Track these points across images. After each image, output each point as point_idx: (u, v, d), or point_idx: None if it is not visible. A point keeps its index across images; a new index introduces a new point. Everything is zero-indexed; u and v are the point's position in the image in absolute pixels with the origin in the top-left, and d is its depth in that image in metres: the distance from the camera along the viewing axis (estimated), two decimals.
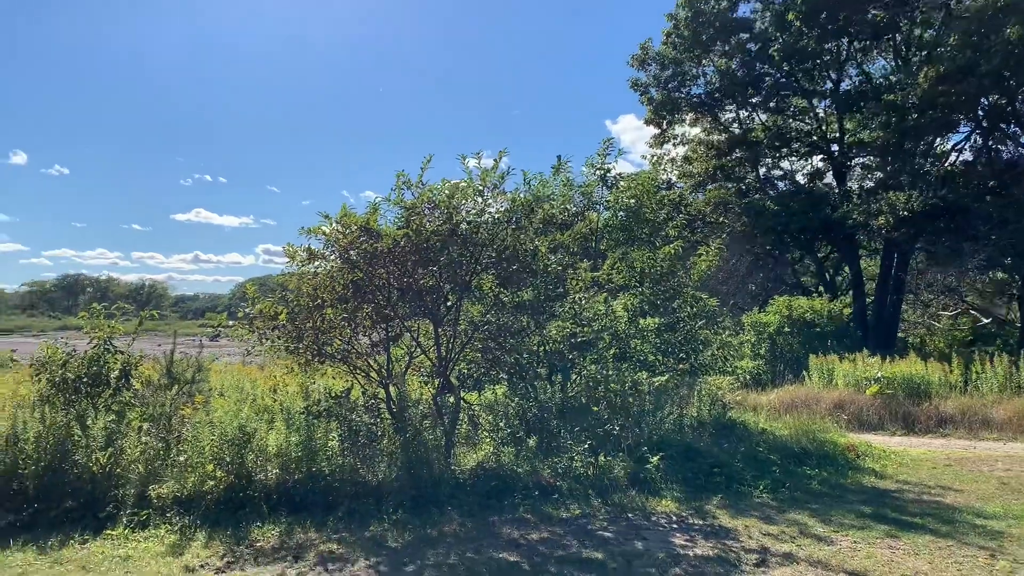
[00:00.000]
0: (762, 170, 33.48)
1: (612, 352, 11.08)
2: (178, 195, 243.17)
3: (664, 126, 33.52)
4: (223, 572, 6.44)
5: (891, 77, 27.93)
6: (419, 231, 9.29)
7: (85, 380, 9.43)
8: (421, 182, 9.54)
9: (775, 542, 7.47)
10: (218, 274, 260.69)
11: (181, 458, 8.56)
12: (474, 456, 9.40)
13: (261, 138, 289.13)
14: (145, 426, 9.11)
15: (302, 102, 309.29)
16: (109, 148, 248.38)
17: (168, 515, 7.74)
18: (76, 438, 8.53)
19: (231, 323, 9.80)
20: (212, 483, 8.11)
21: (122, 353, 9.77)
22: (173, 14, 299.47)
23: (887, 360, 18.29)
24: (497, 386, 11.22)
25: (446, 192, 9.53)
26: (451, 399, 9.94)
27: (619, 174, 14.44)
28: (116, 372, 9.54)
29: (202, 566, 6.57)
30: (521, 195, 10.12)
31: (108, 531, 7.44)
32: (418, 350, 10.43)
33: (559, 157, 12.47)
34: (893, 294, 29.18)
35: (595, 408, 10.17)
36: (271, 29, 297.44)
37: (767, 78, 30.48)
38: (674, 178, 34.33)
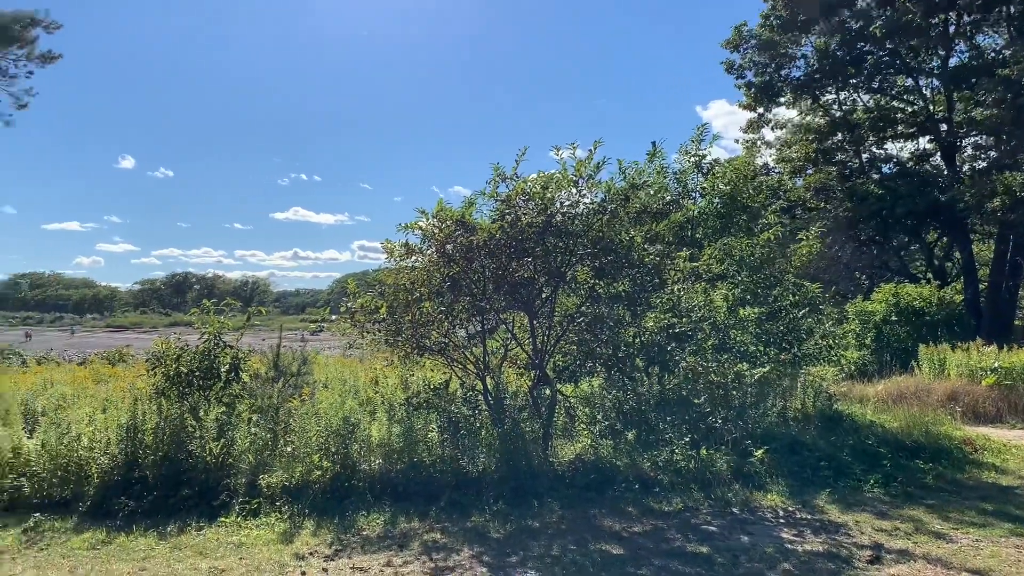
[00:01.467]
0: (865, 153, 32.17)
1: (711, 343, 10.85)
2: (276, 194, 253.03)
3: (760, 110, 32.59)
4: (331, 559, 6.62)
5: (1005, 51, 26.36)
6: (514, 223, 9.30)
7: (197, 374, 9.83)
8: (516, 174, 9.54)
9: (889, 538, 7.18)
10: (316, 270, 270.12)
11: (288, 448, 8.85)
12: (572, 448, 9.38)
13: (353, 137, 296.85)
14: (254, 417, 9.46)
15: (391, 100, 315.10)
16: (210, 150, 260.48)
17: (277, 503, 8.01)
18: (190, 429, 8.93)
19: (334, 317, 10.06)
20: (318, 473, 8.35)
21: (231, 347, 10.14)
22: (267, 18, 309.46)
23: (1004, 349, 17.30)
24: (593, 378, 11.15)
25: (540, 184, 9.50)
26: (547, 391, 9.93)
27: (715, 160, 14.10)
28: (226, 366, 9.90)
29: (311, 553, 6.77)
30: (616, 184, 10.00)
31: (222, 518, 7.76)
32: (513, 342, 10.47)
33: (653, 143, 12.28)
34: (1009, 280, 27.57)
35: (696, 401, 9.98)
36: (359, 30, 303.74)
37: (869, 57, 29.26)
38: (771, 163, 33.38)
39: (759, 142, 34.29)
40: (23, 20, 15.74)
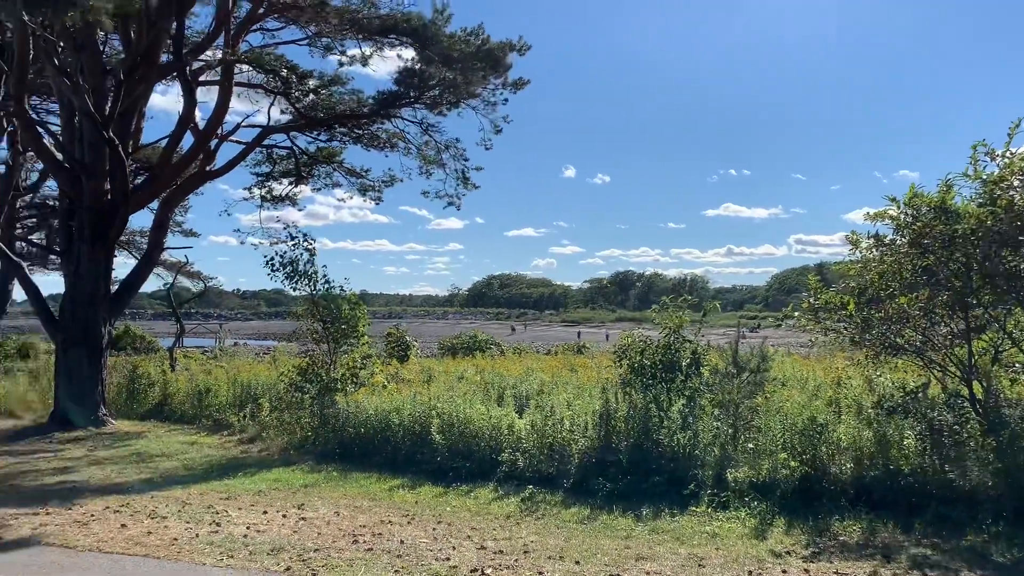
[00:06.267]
0: None
1: None
2: (707, 191, 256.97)
3: None
4: (811, 561, 6.44)
5: None
6: (1008, 207, 8.12)
7: (659, 366, 10.31)
8: (1009, 151, 8.32)
9: None
10: (751, 266, 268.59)
11: (750, 445, 8.87)
12: None
13: (780, 127, 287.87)
14: (715, 412, 9.65)
15: (818, 87, 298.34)
16: (640, 154, 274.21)
17: (746, 499, 8.07)
18: (655, 419, 9.42)
19: (796, 314, 9.79)
20: (786, 472, 8.22)
21: (690, 342, 10.45)
22: (693, 21, 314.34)
23: None
24: None
25: None
26: None
27: None
28: (686, 360, 10.23)
29: (787, 552, 6.67)
30: None
31: (692, 508, 8.07)
32: (1008, 342, 9.13)
33: None
34: None
35: None
36: (781, 19, 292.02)
37: None
38: None
39: None
40: (504, 47, 17.78)
